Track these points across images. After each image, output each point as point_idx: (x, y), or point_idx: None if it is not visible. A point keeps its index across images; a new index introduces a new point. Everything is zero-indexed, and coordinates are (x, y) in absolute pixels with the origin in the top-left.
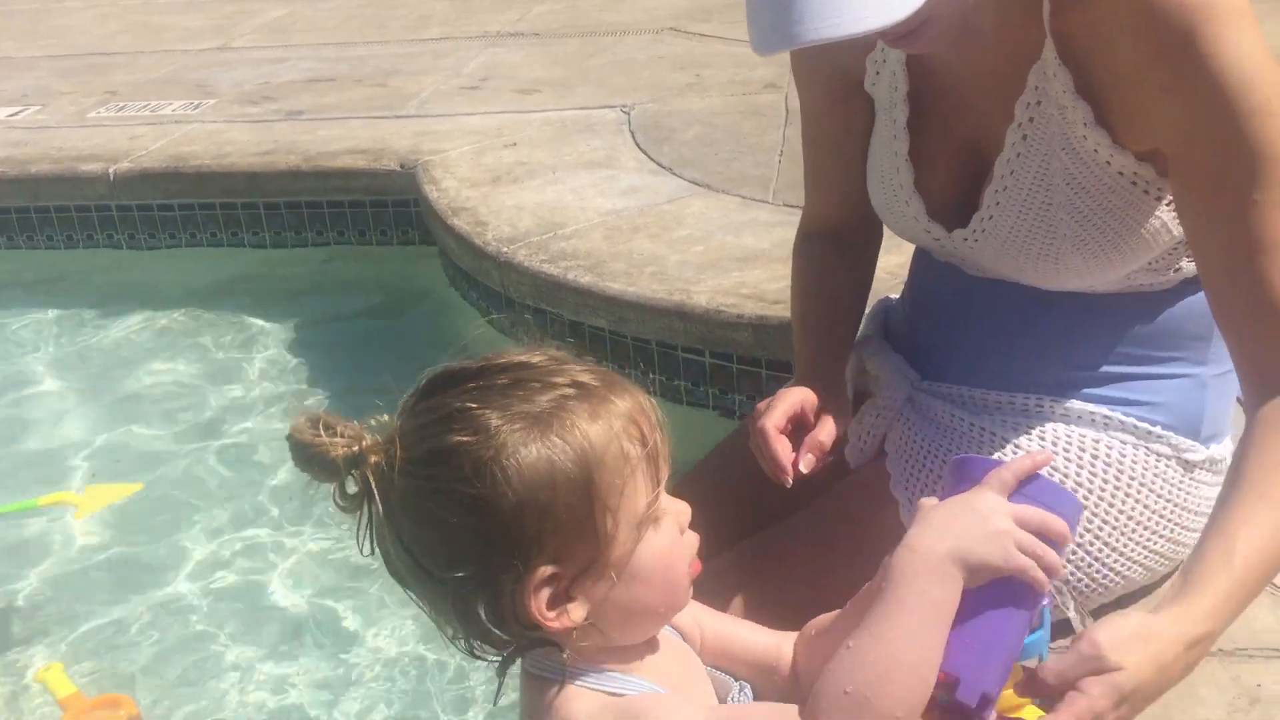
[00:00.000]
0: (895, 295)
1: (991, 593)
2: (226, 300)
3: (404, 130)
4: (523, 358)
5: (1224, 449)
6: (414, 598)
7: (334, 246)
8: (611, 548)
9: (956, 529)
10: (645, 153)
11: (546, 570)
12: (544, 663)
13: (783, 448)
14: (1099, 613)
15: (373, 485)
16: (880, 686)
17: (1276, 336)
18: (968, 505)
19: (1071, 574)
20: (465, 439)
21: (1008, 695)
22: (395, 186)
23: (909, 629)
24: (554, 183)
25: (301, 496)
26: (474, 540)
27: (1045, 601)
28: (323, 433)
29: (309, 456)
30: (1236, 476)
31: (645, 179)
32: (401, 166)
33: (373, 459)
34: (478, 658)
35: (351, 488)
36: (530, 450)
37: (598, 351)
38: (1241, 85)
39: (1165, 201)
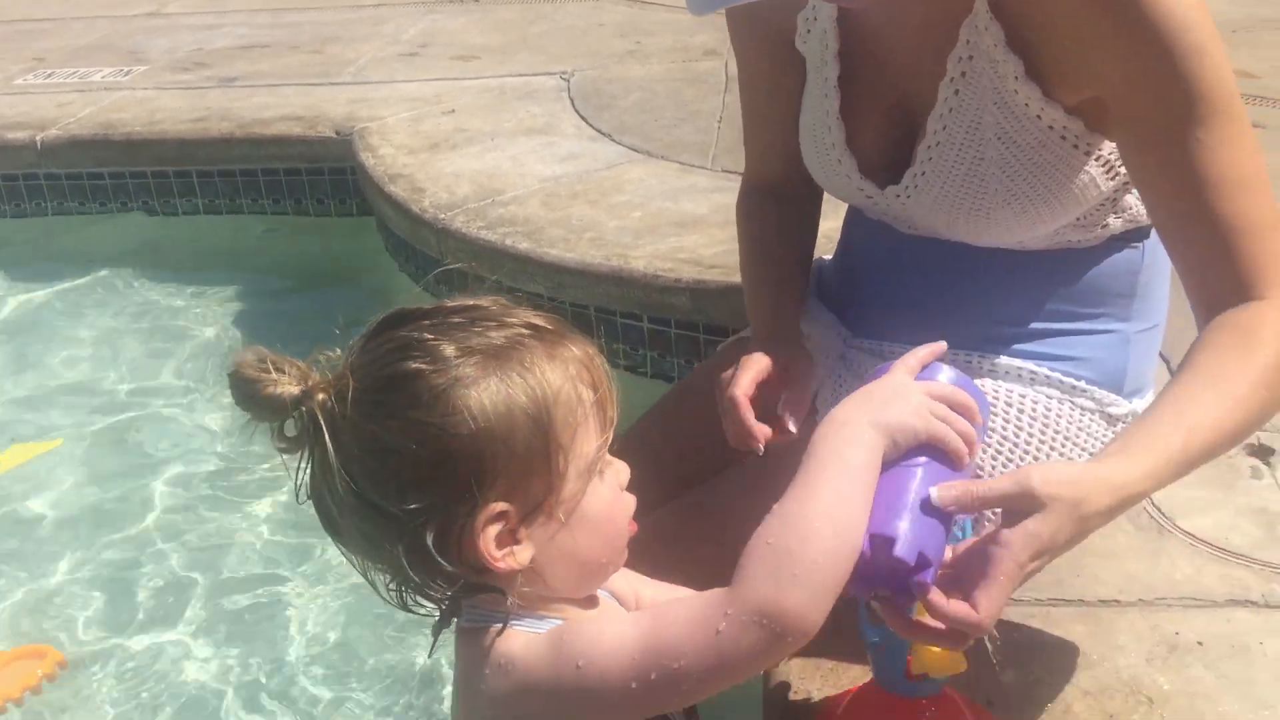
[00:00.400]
0: (829, 257)
1: (916, 462)
2: (159, 269)
3: (340, 97)
4: (475, 301)
5: (1147, 404)
6: (345, 550)
7: (269, 215)
8: (562, 488)
9: (875, 400)
10: (585, 119)
11: (498, 506)
12: (483, 612)
13: (750, 416)
14: None
15: (320, 420)
16: (804, 539)
17: (1226, 266)
18: (883, 383)
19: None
20: (422, 365)
21: (939, 656)
22: (331, 154)
23: (832, 485)
24: (492, 149)
25: (236, 442)
26: (428, 470)
27: (966, 519)
28: (271, 369)
29: (252, 394)
30: (1188, 364)
31: (584, 145)
32: (337, 133)
33: (320, 396)
34: (410, 610)
35: (291, 430)
36: (489, 383)
37: None
38: (1179, 27)
39: (1094, 157)
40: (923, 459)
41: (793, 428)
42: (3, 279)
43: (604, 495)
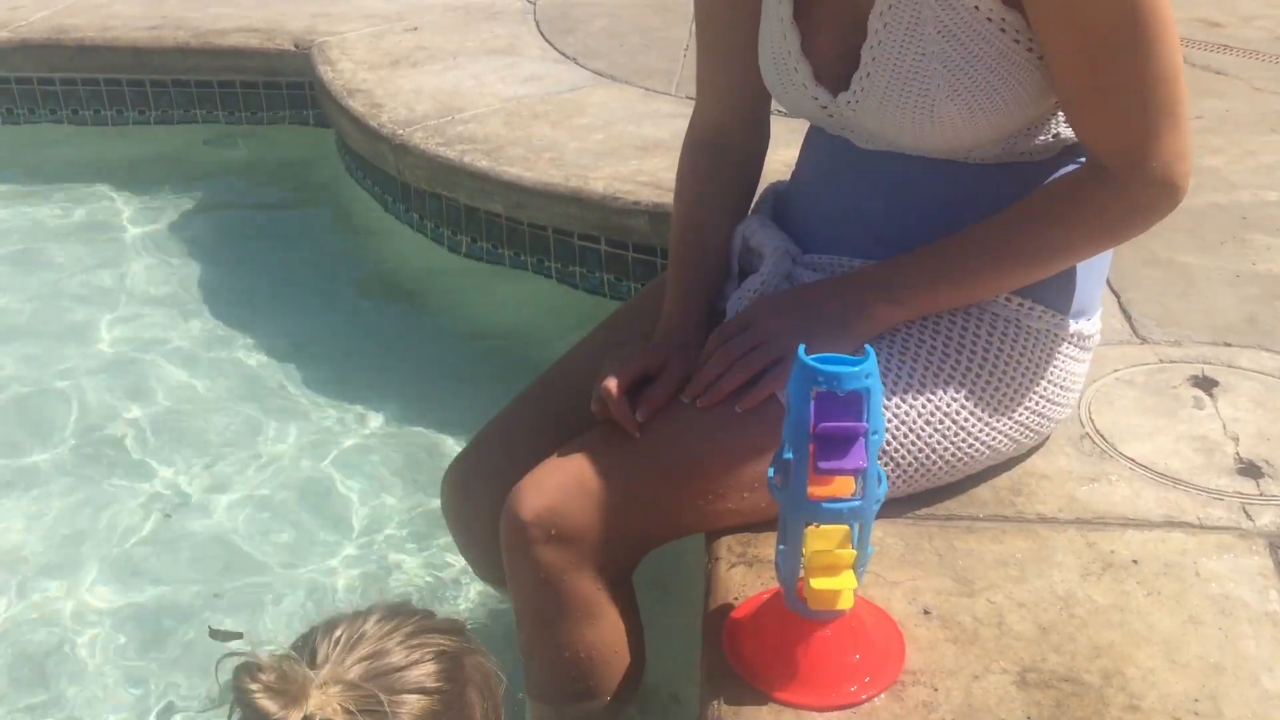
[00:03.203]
0: (787, 180)
1: None
2: (110, 179)
3: (300, 11)
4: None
5: (1093, 325)
6: None
7: (224, 125)
8: None
9: None
10: (550, 42)
11: None
12: None
13: (626, 407)
14: (967, 484)
15: None
16: None
17: (1112, 131)
18: None
19: (939, 443)
20: None
21: (819, 593)
22: (289, 68)
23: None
24: (454, 68)
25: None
26: None
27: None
28: (273, 685)
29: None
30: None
31: (548, 67)
32: (296, 47)
33: None
34: None
35: None
36: None
37: (494, 238)
38: None
39: (1037, 54)
40: None
41: (640, 418)
42: None
43: None
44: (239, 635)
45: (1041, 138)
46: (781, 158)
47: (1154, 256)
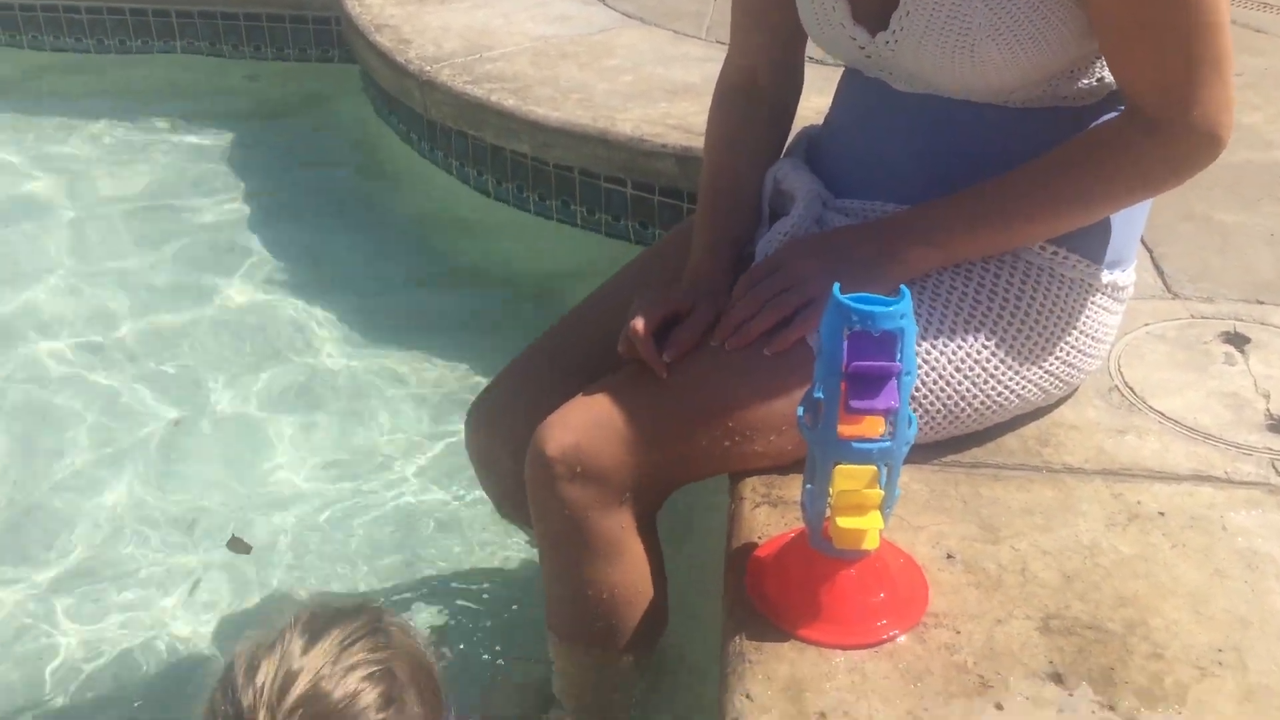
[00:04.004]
0: (820, 124)
1: None
2: (134, 108)
3: None
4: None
5: (1127, 277)
6: None
7: (249, 61)
8: None
9: None
10: None
11: None
12: None
13: (653, 348)
14: (994, 433)
15: None
16: None
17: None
18: None
19: (968, 391)
20: None
21: (845, 531)
22: (316, 2)
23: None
24: (483, 6)
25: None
26: None
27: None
28: None
29: None
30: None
31: (578, 8)
32: None
33: None
34: None
35: None
36: None
37: (519, 179)
38: None
39: None
40: None
41: (666, 358)
42: None
43: None
44: (248, 549)
45: (1084, 81)
46: (814, 105)
47: (1189, 212)
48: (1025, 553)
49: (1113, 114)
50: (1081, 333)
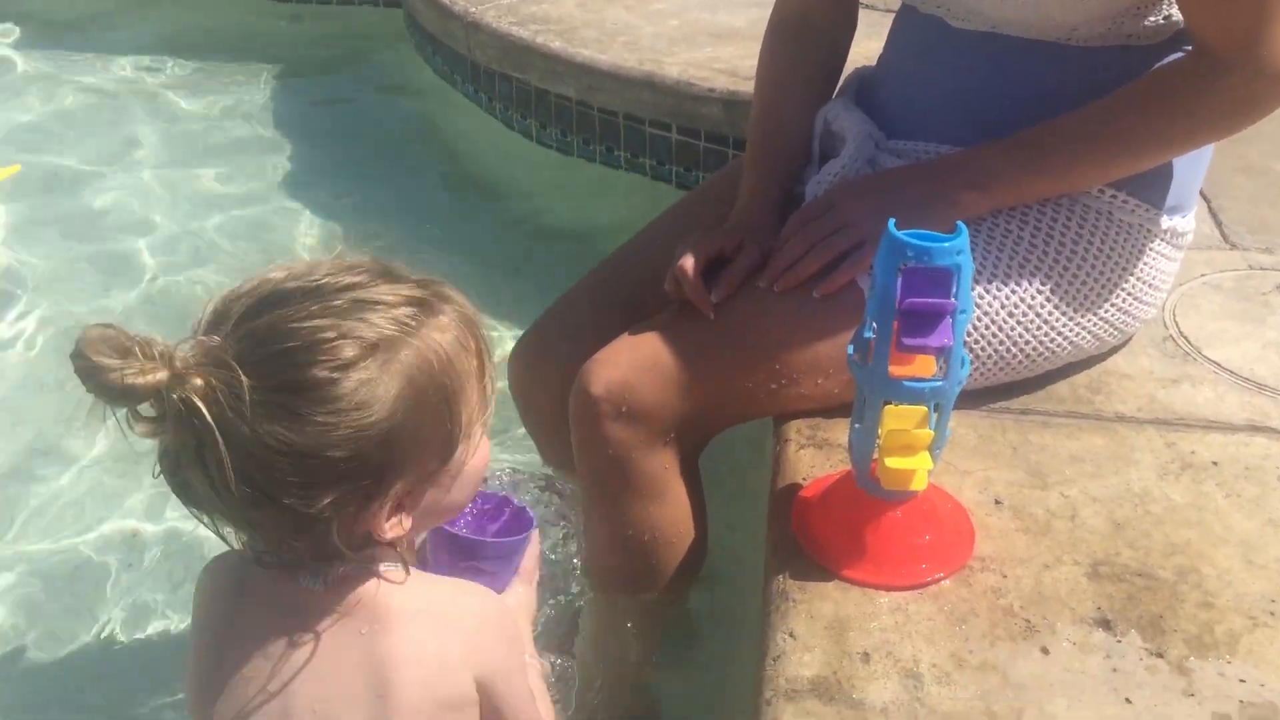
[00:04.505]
0: (873, 64)
1: None
2: (186, 50)
3: None
4: (351, 278)
5: (1187, 223)
6: (201, 514)
7: (295, 4)
8: (452, 460)
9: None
10: None
11: (398, 488)
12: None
13: (701, 287)
14: (1045, 379)
15: (205, 414)
16: None
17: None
18: None
19: (1020, 336)
20: (328, 372)
21: (893, 471)
22: None
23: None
24: None
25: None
26: (339, 468)
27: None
28: (129, 352)
29: (106, 384)
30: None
31: None
32: None
33: (196, 382)
34: (267, 566)
35: (150, 411)
36: (393, 379)
37: (564, 123)
38: None
39: None
40: None
41: (714, 299)
42: (26, 48)
43: (482, 451)
44: None
45: (1151, 19)
46: (864, 50)
47: (1248, 164)
48: (1075, 499)
49: (1177, 55)
50: (1139, 279)
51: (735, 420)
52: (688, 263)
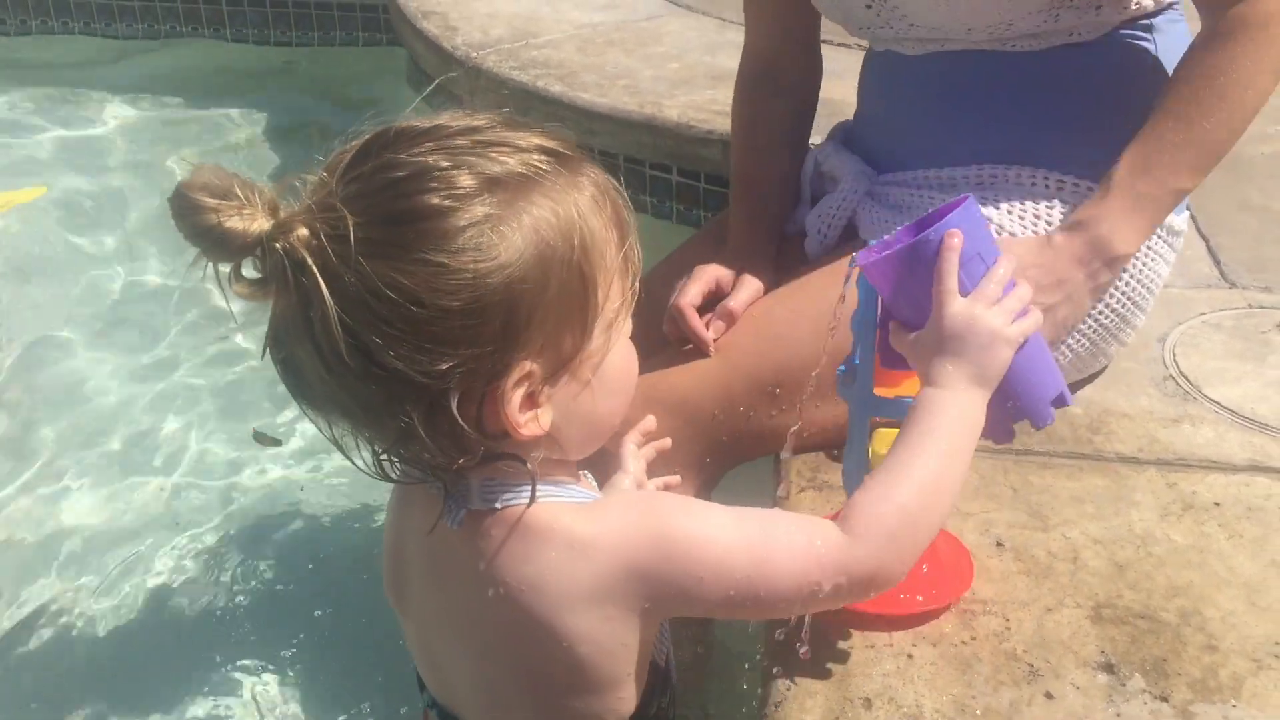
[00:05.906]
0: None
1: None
2: (185, 92)
3: None
4: (474, 120)
5: (1182, 220)
6: (317, 414)
7: (296, 47)
8: (589, 344)
9: (967, 356)
10: None
11: (526, 366)
12: (499, 484)
13: (698, 323)
14: None
15: (309, 263)
16: (931, 509)
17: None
18: (957, 323)
19: None
20: (441, 201)
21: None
22: None
23: (962, 458)
24: None
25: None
26: (457, 323)
27: None
28: (234, 194)
29: (206, 226)
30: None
31: None
32: None
33: (301, 231)
34: (393, 480)
35: (253, 272)
36: (519, 220)
37: None
38: None
39: None
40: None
41: (712, 333)
42: (19, 92)
43: (624, 351)
44: (278, 443)
45: (1087, 14)
46: (839, 93)
47: (1247, 203)
48: (1076, 541)
49: (1128, 45)
50: (1133, 278)
51: (737, 458)
52: (683, 301)
